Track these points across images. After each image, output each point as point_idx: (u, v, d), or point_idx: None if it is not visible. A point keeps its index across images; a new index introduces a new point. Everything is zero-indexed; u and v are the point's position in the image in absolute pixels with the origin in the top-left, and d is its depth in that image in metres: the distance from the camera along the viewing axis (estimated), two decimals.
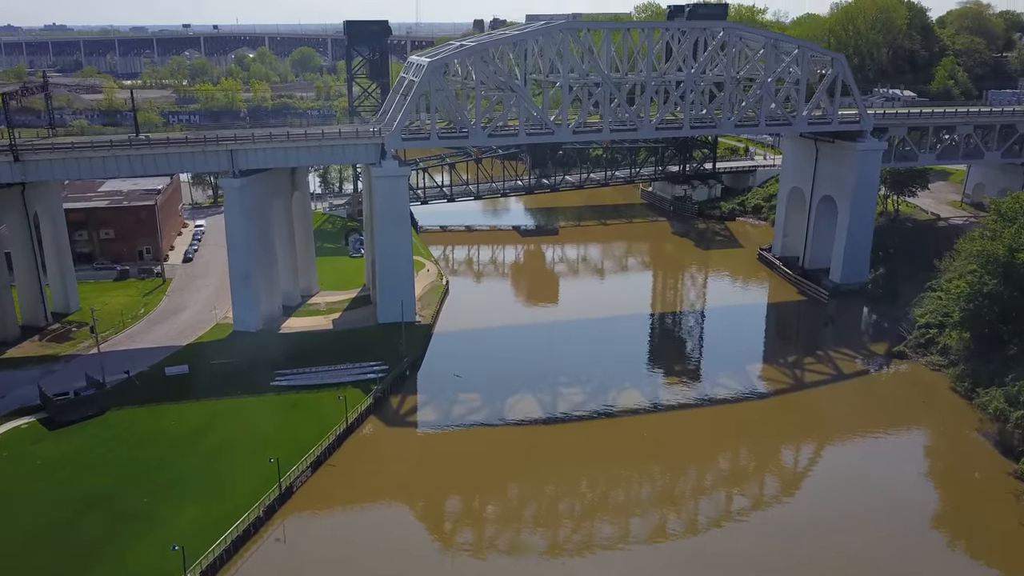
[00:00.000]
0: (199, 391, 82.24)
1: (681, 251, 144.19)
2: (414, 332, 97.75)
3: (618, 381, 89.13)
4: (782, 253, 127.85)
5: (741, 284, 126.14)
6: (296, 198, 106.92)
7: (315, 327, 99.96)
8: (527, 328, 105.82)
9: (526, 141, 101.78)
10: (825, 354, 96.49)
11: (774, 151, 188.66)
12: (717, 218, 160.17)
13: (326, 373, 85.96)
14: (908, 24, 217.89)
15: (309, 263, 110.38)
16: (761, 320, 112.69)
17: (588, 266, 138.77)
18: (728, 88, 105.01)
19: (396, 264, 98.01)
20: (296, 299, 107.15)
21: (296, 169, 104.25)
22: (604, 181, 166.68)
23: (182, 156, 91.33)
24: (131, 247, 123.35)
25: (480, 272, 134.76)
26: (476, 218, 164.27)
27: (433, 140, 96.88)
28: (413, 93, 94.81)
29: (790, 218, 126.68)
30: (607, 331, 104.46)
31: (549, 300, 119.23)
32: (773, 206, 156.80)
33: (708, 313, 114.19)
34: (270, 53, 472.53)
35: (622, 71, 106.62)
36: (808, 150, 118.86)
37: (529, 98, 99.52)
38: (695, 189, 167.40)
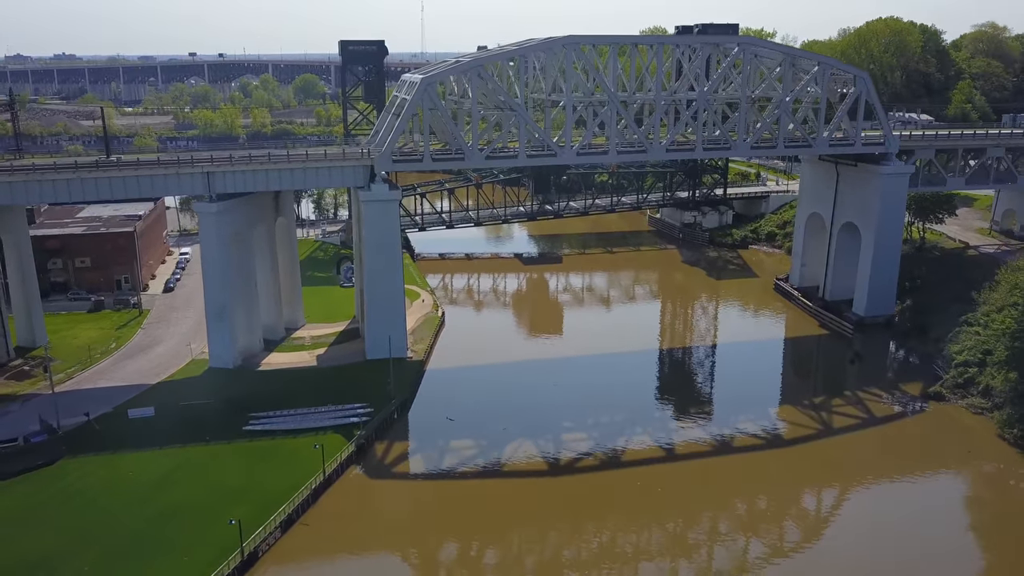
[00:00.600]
0: (164, 437, 74.35)
1: (692, 281, 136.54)
2: (404, 369, 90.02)
3: (626, 426, 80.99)
4: (800, 283, 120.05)
5: (757, 316, 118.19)
6: (280, 224, 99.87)
7: (297, 363, 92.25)
8: (528, 364, 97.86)
9: (526, 163, 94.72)
10: (853, 395, 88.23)
11: (787, 176, 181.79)
12: (729, 246, 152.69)
13: (305, 416, 78.10)
14: (923, 47, 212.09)
15: (294, 294, 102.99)
16: (780, 356, 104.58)
17: (593, 296, 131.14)
18: (743, 108, 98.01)
19: (386, 296, 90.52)
20: (279, 333, 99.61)
21: (280, 193, 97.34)
22: (610, 207, 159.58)
23: (154, 179, 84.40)
24: (108, 276, 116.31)
25: (479, 302, 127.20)
26: (476, 246, 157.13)
27: (426, 162, 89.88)
28: (405, 111, 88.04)
29: (809, 246, 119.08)
30: (614, 368, 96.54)
31: (552, 333, 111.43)
32: (788, 233, 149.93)
33: (722, 348, 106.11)
34: (273, 80, 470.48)
35: (629, 90, 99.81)
36: (828, 174, 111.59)
37: (529, 117, 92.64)
38: (705, 216, 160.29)
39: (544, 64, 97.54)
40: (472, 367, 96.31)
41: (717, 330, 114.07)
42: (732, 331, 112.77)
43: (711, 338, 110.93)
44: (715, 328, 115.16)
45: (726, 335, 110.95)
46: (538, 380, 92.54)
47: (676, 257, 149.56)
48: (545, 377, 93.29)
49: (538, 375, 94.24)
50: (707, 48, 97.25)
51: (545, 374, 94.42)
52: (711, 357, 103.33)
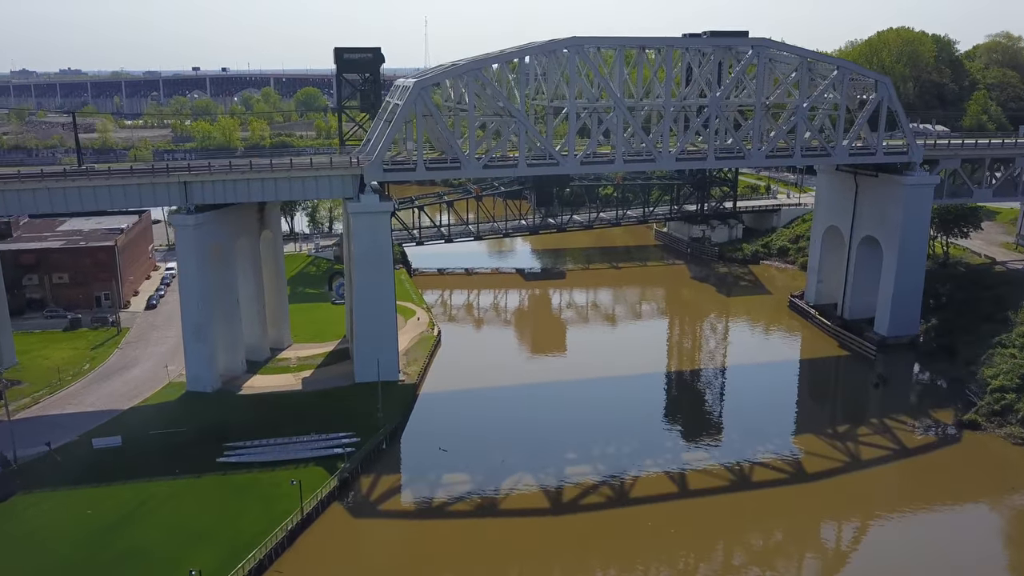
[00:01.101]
0: (130, 469, 68.07)
1: (701, 298, 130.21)
2: (395, 394, 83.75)
3: (635, 457, 74.54)
4: (817, 301, 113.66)
5: (772, 336, 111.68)
6: (265, 238, 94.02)
7: (281, 387, 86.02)
8: (529, 388, 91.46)
9: (527, 173, 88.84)
10: (879, 422, 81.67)
11: (798, 189, 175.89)
12: (739, 261, 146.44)
13: (285, 447, 71.81)
14: (936, 58, 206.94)
15: (280, 312, 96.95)
16: (798, 379, 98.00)
17: (598, 314, 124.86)
18: (758, 115, 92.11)
19: (376, 315, 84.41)
20: (263, 353, 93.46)
21: (265, 205, 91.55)
22: (615, 221, 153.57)
23: (126, 189, 78.64)
24: (87, 293, 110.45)
25: (479, 320, 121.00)
26: (476, 260, 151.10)
27: (420, 171, 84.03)
28: (397, 117, 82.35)
29: (825, 261, 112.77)
30: (621, 393, 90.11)
31: (555, 353, 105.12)
32: (801, 248, 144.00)
33: (735, 370, 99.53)
34: (275, 93, 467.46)
35: (636, 96, 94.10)
36: (846, 185, 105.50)
37: (530, 124, 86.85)
38: (714, 230, 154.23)
39: (546, 68, 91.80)
40: (469, 391, 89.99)
41: (729, 350, 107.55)
42: (745, 352, 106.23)
43: (723, 359, 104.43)
44: (727, 348, 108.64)
45: (739, 356, 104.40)
46: (540, 405, 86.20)
47: (684, 273, 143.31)
48: (548, 402, 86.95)
49: (540, 400, 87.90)
50: (719, 52, 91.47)
51: (547, 399, 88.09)
52: (723, 380, 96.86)
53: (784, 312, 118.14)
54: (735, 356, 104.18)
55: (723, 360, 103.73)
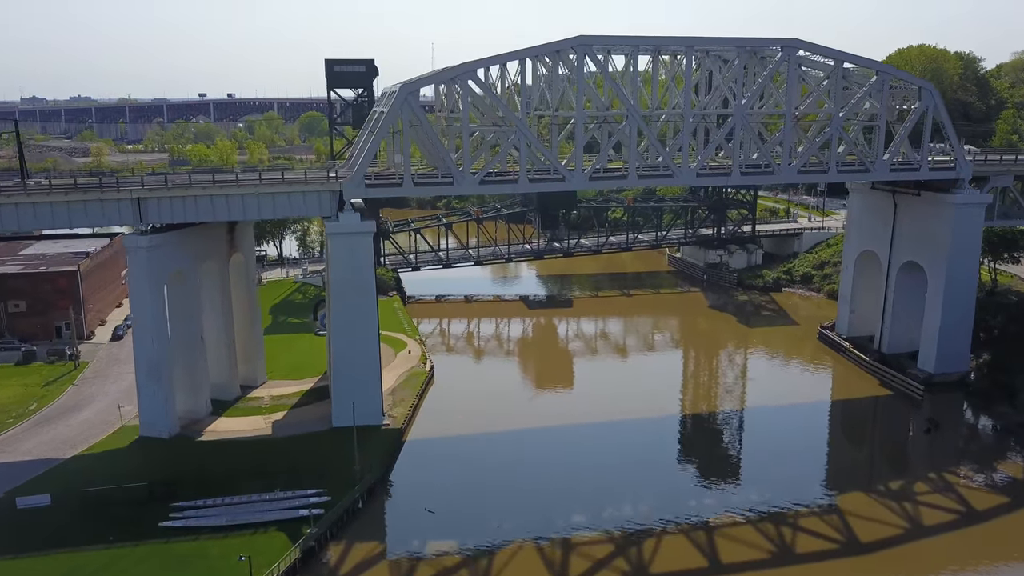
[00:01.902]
0: (56, 535, 57.42)
1: (720, 328, 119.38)
2: (378, 441, 73.09)
3: (654, 521, 63.42)
4: (850, 333, 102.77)
5: (802, 372, 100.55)
6: (236, 262, 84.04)
7: (248, 432, 75.40)
8: (531, 433, 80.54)
9: (528, 189, 78.79)
10: (937, 477, 70.44)
11: (820, 212, 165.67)
12: (760, 289, 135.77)
13: (242, 507, 61.04)
14: (960, 75, 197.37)
15: (253, 345, 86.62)
16: (835, 423, 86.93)
17: (608, 345, 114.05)
18: (788, 126, 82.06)
19: (356, 349, 74.02)
20: (232, 392, 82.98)
21: (236, 225, 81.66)
22: (626, 245, 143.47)
23: (70, 207, 68.72)
24: (46, 322, 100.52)
25: (478, 352, 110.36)
26: (476, 287, 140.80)
27: (407, 187, 74.01)
28: (381, 126, 72.66)
29: (859, 289, 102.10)
30: (634, 439, 79.17)
31: (560, 391, 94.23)
32: (827, 275, 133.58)
33: (763, 413, 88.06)
34: (277, 117, 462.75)
35: (651, 104, 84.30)
36: (883, 205, 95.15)
37: (532, 134, 76.93)
38: (732, 255, 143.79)
39: (549, 73, 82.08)
40: (462, 437, 79.06)
41: (754, 388, 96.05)
42: (773, 390, 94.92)
43: (748, 398, 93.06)
44: (752, 386, 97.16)
45: (766, 395, 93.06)
46: (543, 454, 75.21)
47: (701, 301, 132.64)
48: (552, 450, 75.99)
49: (543, 447, 76.97)
50: (744, 55, 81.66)
51: (552, 446, 77.16)
52: (749, 423, 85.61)
53: (813, 345, 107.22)
54: (761, 395, 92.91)
55: (748, 399, 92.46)
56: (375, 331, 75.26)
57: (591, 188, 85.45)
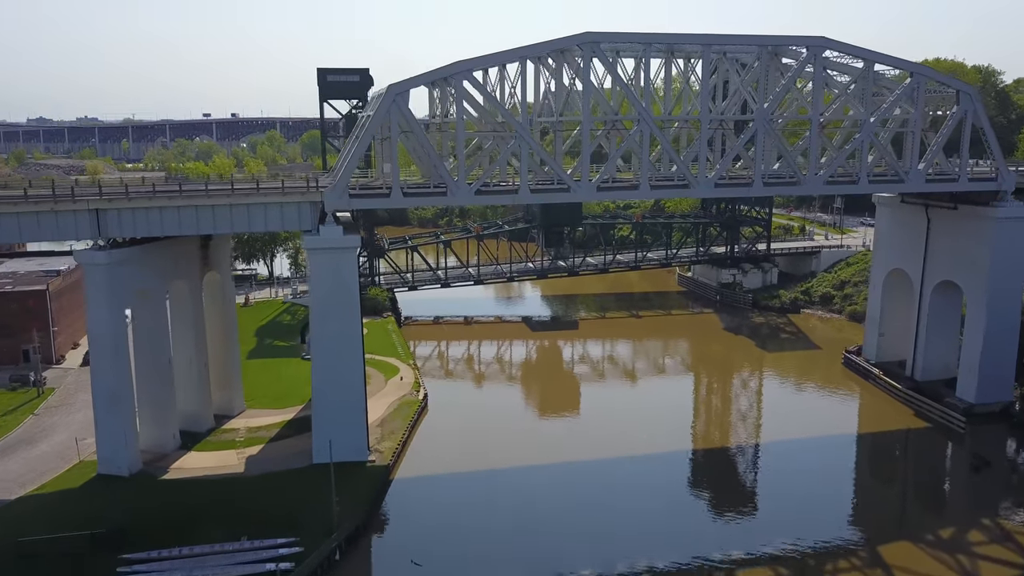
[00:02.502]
0: None
1: (736, 353, 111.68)
2: (361, 480, 65.62)
3: (669, 570, 55.63)
4: (879, 358, 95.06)
5: (827, 401, 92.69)
6: (211, 281, 77.08)
7: (218, 469, 67.92)
8: (533, 471, 72.76)
9: (529, 200, 71.69)
10: (992, 523, 62.38)
11: (836, 230, 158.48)
12: (777, 310, 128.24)
13: (202, 560, 53.50)
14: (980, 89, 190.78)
15: (230, 371, 79.38)
16: (869, 458, 78.91)
17: (616, 371, 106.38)
18: (814, 132, 75.01)
19: (338, 377, 66.75)
20: (205, 423, 75.62)
21: (211, 240, 74.74)
22: (634, 264, 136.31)
23: (20, 219, 61.85)
24: (13, 345, 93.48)
25: (477, 377, 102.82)
26: (476, 307, 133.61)
27: (396, 197, 66.98)
28: (366, 131, 65.86)
29: (888, 311, 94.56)
30: (648, 478, 71.43)
31: (565, 422, 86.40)
32: (847, 295, 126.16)
33: (789, 447, 79.77)
34: (279, 136, 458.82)
35: (664, 109, 77.39)
36: (915, 219, 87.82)
37: (535, 140, 69.97)
38: (746, 274, 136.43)
39: (553, 75, 75.37)
40: (456, 475, 71.34)
41: (777, 420, 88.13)
42: (797, 421, 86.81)
43: (770, 431, 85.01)
44: (774, 417, 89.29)
45: (790, 427, 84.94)
46: (546, 494, 67.46)
47: (714, 323, 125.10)
48: (556, 490, 68.24)
49: (546, 486, 69.19)
50: (766, 55, 74.78)
51: (556, 484, 69.39)
52: (774, 459, 77.46)
53: (838, 371, 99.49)
54: (784, 426, 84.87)
55: (769, 431, 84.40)
56: (360, 357, 67.96)
57: (598, 200, 77.85)
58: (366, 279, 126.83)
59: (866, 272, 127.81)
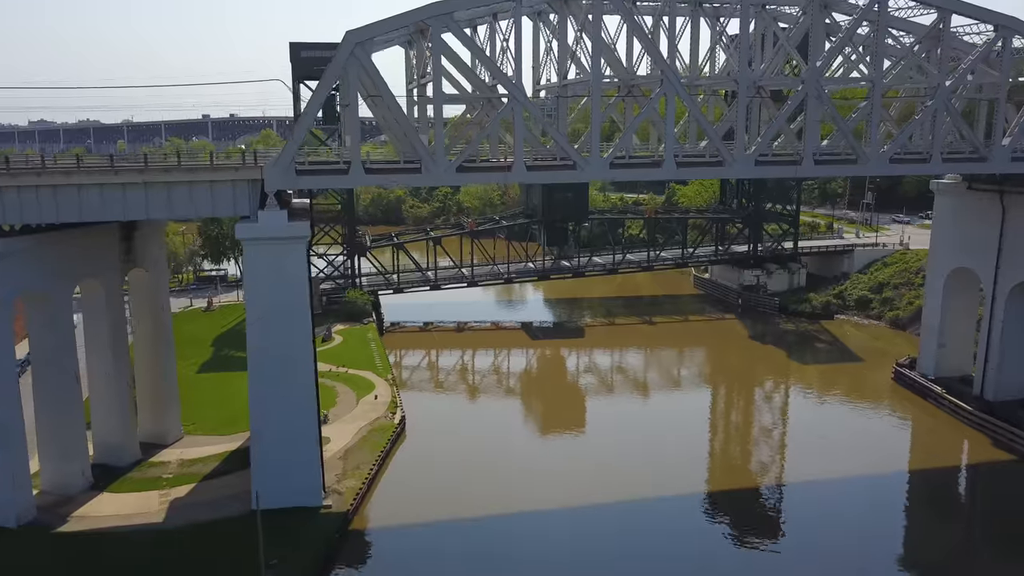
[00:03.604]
0: None
1: (765, 365, 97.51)
2: (312, 532, 51.67)
3: None
4: (938, 372, 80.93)
5: (877, 425, 78.17)
6: (138, 281, 63.29)
7: (132, 517, 53.94)
8: (531, 520, 58.61)
9: (525, 179, 57.48)
10: None
11: (868, 228, 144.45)
12: (807, 316, 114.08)
13: None
14: None
15: (163, 391, 65.38)
16: (937, 497, 64.49)
17: (629, 385, 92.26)
18: (876, 100, 60.95)
19: (283, 403, 52.83)
20: (128, 455, 61.68)
21: (136, 229, 60.84)
22: (647, 264, 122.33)
23: None
24: None
25: (469, 393, 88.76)
26: (470, 312, 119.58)
27: (356, 175, 53.01)
28: (318, 88, 51.97)
29: (950, 317, 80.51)
30: (665, 522, 57.45)
31: (568, 452, 72.06)
32: (886, 299, 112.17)
33: (835, 485, 64.88)
34: (275, 135, 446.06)
35: (691, 73, 63.45)
36: (986, 208, 73.65)
37: (532, 105, 56.05)
38: (771, 276, 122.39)
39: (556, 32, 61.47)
40: (433, 525, 57.11)
41: (820, 449, 73.05)
42: (847, 451, 71.40)
43: (813, 462, 69.83)
44: (816, 446, 74.33)
45: (839, 458, 69.70)
46: (548, 552, 53.40)
47: (737, 330, 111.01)
48: (558, 548, 54.14)
49: (548, 541, 55.10)
50: (815, 8, 60.70)
51: (557, 540, 55.31)
52: (819, 498, 62.57)
53: (887, 387, 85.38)
54: (833, 458, 69.80)
55: (812, 463, 69.36)
56: (311, 376, 53.97)
57: (611, 179, 62.86)
58: (346, 280, 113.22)
59: (907, 273, 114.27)
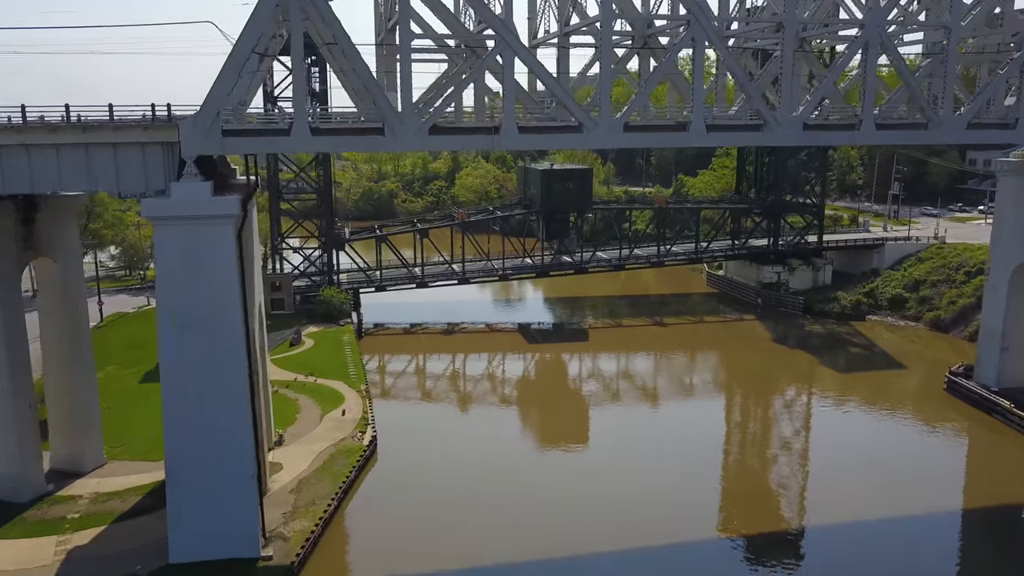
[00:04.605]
0: None
1: (793, 372, 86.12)
2: None
3: None
4: (1002, 383, 69.46)
5: (928, 444, 66.73)
6: (45, 273, 51.76)
7: (17, 572, 42.50)
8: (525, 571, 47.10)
9: (516, 144, 45.47)
10: None
11: (896, 221, 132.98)
12: (837, 316, 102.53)
13: None
14: None
15: (79, 410, 53.61)
16: (1010, 546, 53.00)
17: (640, 396, 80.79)
18: (952, 50, 49.35)
19: (208, 429, 41.30)
20: (30, 489, 50.08)
21: (38, 209, 49.17)
22: (657, 259, 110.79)
23: None
24: None
25: (455, 407, 77.18)
26: (461, 312, 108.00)
27: (299, 136, 41.34)
28: (251, 17, 40.36)
29: (1016, 319, 69.03)
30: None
31: (573, 482, 60.25)
32: (924, 298, 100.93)
33: (896, 526, 53.63)
34: None
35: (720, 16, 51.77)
36: None
37: (527, 51, 44.43)
38: (793, 272, 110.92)
39: None
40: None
41: (865, 474, 60.77)
42: (893, 478, 59.93)
43: (862, 493, 57.83)
44: (860, 469, 61.63)
45: (897, 491, 58.60)
46: None
47: (759, 333, 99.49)
48: None
49: None
50: None
51: None
52: (873, 538, 51.40)
53: (939, 400, 73.86)
54: (877, 486, 57.97)
55: (861, 494, 57.39)
56: (244, 397, 42.36)
57: (625, 146, 49.96)
58: (322, 277, 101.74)
59: (946, 269, 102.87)
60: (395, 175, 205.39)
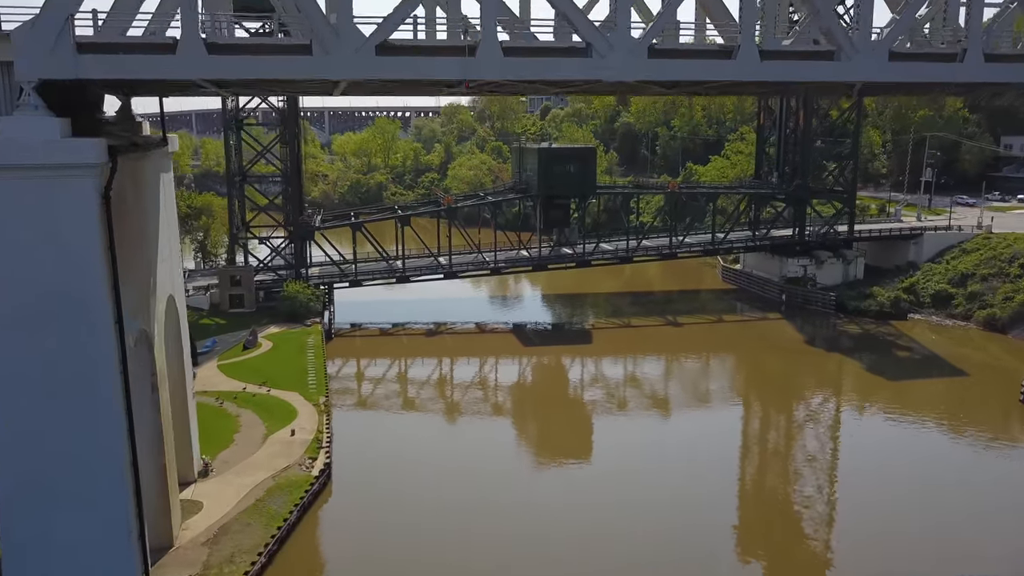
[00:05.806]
0: None
1: (833, 380, 74.17)
2: None
3: None
4: None
5: (1007, 469, 54.59)
6: None
7: None
8: None
9: (498, 74, 31.70)
10: None
11: (929, 211, 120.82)
12: (874, 315, 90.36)
13: None
14: None
15: None
16: None
17: (651, 406, 68.43)
18: None
19: (60, 472, 28.93)
20: None
21: None
22: (669, 251, 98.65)
23: None
24: None
25: (445, 417, 64.76)
26: (447, 311, 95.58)
27: (187, 58, 29.00)
28: None
29: None
30: None
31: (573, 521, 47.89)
32: (973, 293, 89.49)
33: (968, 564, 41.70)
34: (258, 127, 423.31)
35: None
36: None
37: None
38: (821, 266, 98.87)
39: None
40: None
41: (932, 506, 48.94)
42: (965, 510, 47.77)
43: (922, 526, 46.18)
44: (925, 500, 49.83)
45: (957, 524, 46.20)
46: None
47: (787, 334, 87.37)
48: None
49: None
50: None
51: None
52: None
53: (1017, 414, 61.68)
54: (947, 521, 46.24)
55: (922, 534, 45.69)
56: (118, 417, 29.97)
57: (647, 77, 36.37)
58: (289, 271, 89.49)
59: (998, 262, 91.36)
60: (385, 167, 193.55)
